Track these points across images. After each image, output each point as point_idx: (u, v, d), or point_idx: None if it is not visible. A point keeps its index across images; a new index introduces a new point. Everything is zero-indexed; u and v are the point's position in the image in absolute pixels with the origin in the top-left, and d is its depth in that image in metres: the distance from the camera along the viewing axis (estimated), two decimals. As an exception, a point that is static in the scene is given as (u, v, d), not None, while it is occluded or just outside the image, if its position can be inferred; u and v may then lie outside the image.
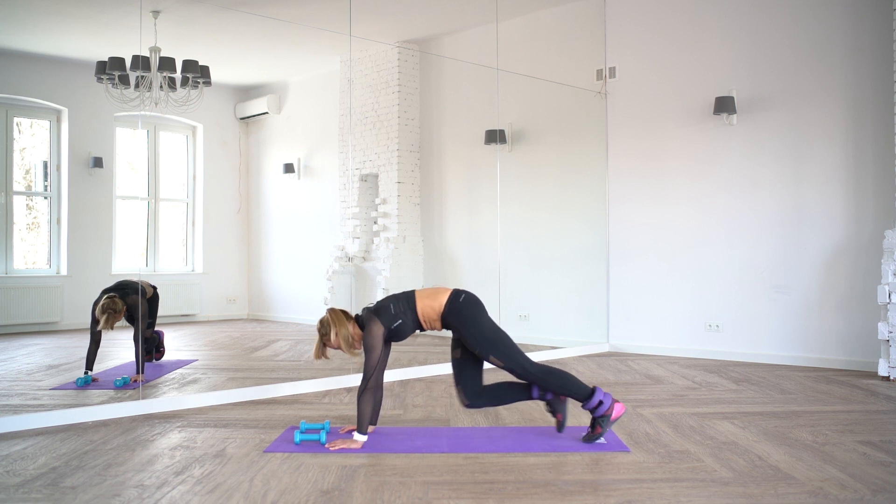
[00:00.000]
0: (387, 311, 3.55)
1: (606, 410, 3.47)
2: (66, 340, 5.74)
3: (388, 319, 3.53)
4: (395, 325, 3.54)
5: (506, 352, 3.55)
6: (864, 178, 5.73)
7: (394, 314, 3.54)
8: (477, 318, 3.58)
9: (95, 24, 5.91)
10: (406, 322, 3.56)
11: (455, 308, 3.57)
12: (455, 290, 3.65)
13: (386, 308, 3.56)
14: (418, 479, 2.94)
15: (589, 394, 3.50)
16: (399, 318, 3.54)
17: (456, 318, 3.57)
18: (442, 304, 3.58)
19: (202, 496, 2.75)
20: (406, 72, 7.98)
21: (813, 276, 5.93)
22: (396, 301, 3.60)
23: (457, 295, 3.61)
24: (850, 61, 5.80)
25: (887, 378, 5.25)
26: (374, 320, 3.52)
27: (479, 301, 3.66)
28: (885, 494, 2.73)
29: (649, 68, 6.88)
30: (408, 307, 3.58)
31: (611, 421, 3.48)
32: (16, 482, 2.95)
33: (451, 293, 3.62)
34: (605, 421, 3.47)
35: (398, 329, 3.55)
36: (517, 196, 7.41)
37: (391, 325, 3.53)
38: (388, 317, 3.54)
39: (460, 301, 3.59)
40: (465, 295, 3.63)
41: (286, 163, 7.64)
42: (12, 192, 5.59)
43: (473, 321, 3.57)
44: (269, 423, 3.96)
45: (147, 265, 6.28)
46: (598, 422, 3.47)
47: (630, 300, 6.96)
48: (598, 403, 3.48)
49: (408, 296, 3.64)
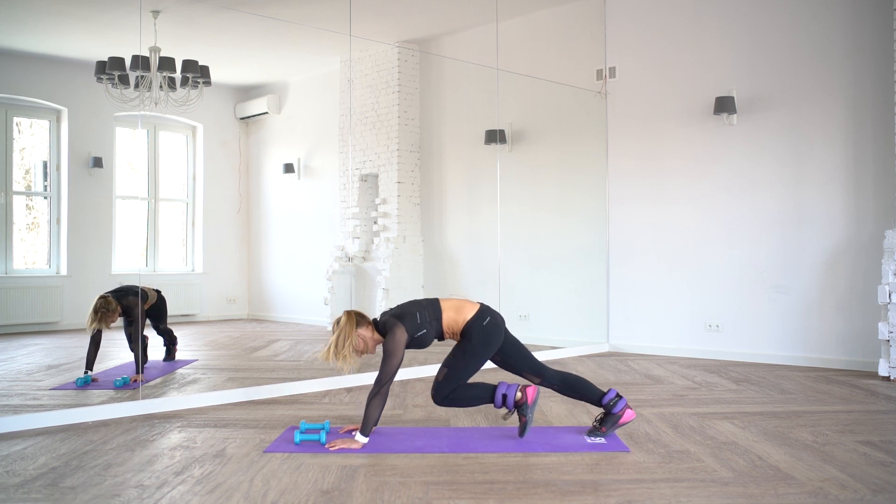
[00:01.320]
0: (412, 318, 3.53)
1: (622, 410, 3.58)
2: (66, 340, 5.73)
3: (413, 327, 3.51)
4: (420, 335, 3.53)
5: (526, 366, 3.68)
6: (865, 178, 5.73)
7: (419, 323, 3.53)
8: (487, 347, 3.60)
9: (95, 24, 5.91)
10: (430, 333, 3.56)
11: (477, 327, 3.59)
12: (482, 307, 3.68)
13: (412, 316, 3.54)
14: (418, 479, 2.94)
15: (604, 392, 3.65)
16: (424, 328, 3.53)
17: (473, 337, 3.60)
18: (467, 319, 3.61)
19: (202, 496, 2.75)
20: (406, 72, 7.98)
21: (813, 276, 5.92)
22: (422, 310, 3.58)
23: (482, 316, 3.62)
24: (850, 61, 5.80)
25: (887, 378, 5.25)
26: (398, 326, 3.49)
27: (501, 325, 3.67)
28: (885, 494, 2.73)
29: (649, 68, 6.88)
30: (434, 317, 3.58)
31: (618, 424, 3.58)
32: (16, 482, 2.95)
33: (478, 311, 3.64)
34: (611, 422, 3.58)
35: (421, 338, 3.54)
36: (517, 196, 7.41)
37: (416, 334, 3.52)
38: (414, 325, 3.52)
39: (484, 325, 3.60)
40: (490, 318, 3.63)
41: (286, 163, 7.64)
42: (12, 192, 5.58)
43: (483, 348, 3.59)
44: (269, 424, 3.96)
45: (147, 265, 6.28)
46: (606, 421, 3.58)
47: (630, 300, 6.96)
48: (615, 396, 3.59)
49: (433, 305, 3.62)
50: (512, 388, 3.55)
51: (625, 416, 3.58)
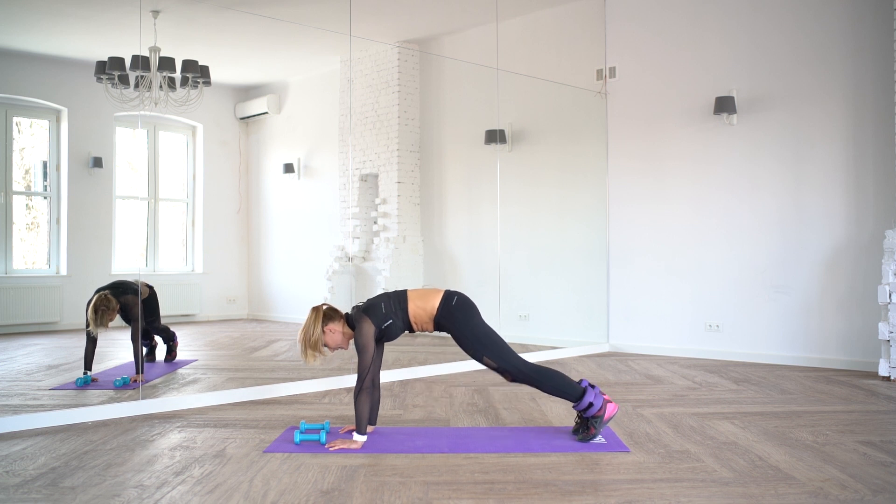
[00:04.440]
0: (377, 309, 3.52)
1: (598, 411, 3.47)
2: (65, 340, 5.73)
3: (378, 319, 3.51)
4: (386, 325, 3.52)
5: (498, 353, 3.55)
6: (865, 178, 5.73)
7: (384, 313, 3.52)
8: (469, 320, 3.56)
9: (95, 24, 5.90)
10: (396, 323, 3.54)
11: (448, 311, 3.56)
12: (447, 291, 3.63)
13: (377, 307, 3.54)
14: (418, 479, 2.94)
15: (580, 394, 3.50)
16: (390, 318, 3.52)
17: (448, 321, 3.56)
18: (435, 307, 3.56)
19: (202, 496, 2.75)
20: (406, 72, 7.98)
21: (813, 276, 5.92)
22: (388, 300, 3.57)
23: (449, 297, 3.59)
24: (850, 61, 5.80)
25: (888, 378, 5.25)
26: (364, 319, 3.49)
27: (472, 303, 3.64)
28: (886, 494, 2.73)
29: (649, 68, 6.88)
30: (399, 307, 3.56)
31: (604, 421, 3.49)
32: (15, 482, 2.95)
33: (444, 295, 3.60)
34: (597, 422, 3.48)
35: (388, 329, 3.53)
36: (517, 196, 7.41)
37: (382, 325, 3.51)
38: (379, 316, 3.51)
39: (453, 304, 3.57)
40: (457, 297, 3.60)
41: (286, 163, 7.64)
42: (12, 192, 5.58)
43: (465, 323, 3.55)
44: (269, 424, 3.96)
45: (147, 265, 6.28)
46: (591, 422, 3.48)
47: (630, 300, 6.96)
48: (587, 405, 3.48)
49: (399, 296, 3.61)
50: (599, 398, 3.50)
51: (607, 411, 3.48)
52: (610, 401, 3.53)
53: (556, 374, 3.56)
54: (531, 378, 3.55)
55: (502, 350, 3.56)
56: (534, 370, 3.55)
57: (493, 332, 3.61)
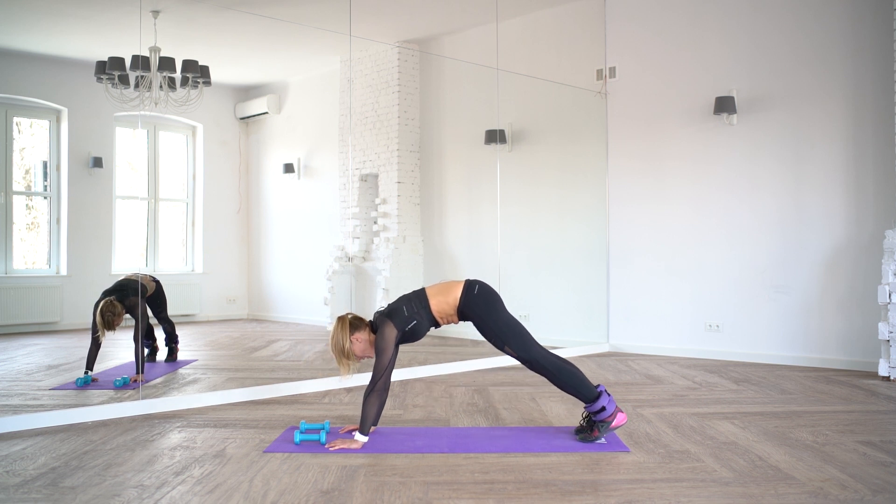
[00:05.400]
0: (400, 313, 3.55)
1: (608, 417, 3.49)
2: (65, 340, 5.73)
3: (401, 322, 3.53)
4: (410, 327, 3.54)
5: (521, 342, 3.59)
6: (865, 178, 5.73)
7: (407, 315, 3.54)
8: (492, 310, 3.60)
9: (95, 24, 5.91)
10: (421, 322, 3.57)
11: (471, 300, 3.59)
12: (468, 281, 3.67)
13: (399, 310, 3.56)
14: (418, 479, 2.94)
15: (595, 397, 3.52)
16: (413, 319, 3.55)
17: (473, 310, 3.59)
18: (457, 298, 3.60)
19: (202, 496, 2.75)
20: (406, 72, 7.98)
21: (813, 276, 5.92)
22: (408, 302, 3.60)
23: (471, 287, 3.62)
24: (850, 61, 5.80)
25: (888, 378, 5.25)
26: (387, 323, 3.52)
27: (494, 291, 3.67)
28: (886, 494, 2.73)
29: (649, 68, 6.88)
30: (421, 306, 3.59)
31: (610, 427, 3.51)
32: (16, 482, 2.95)
33: (465, 285, 3.63)
34: (604, 426, 3.50)
35: (413, 329, 3.56)
36: (517, 196, 7.41)
37: (405, 327, 3.53)
38: (402, 319, 3.53)
39: (475, 293, 3.60)
40: (479, 286, 3.64)
41: (286, 163, 7.64)
42: (12, 192, 5.59)
43: (489, 311, 3.59)
44: (269, 424, 3.96)
45: (147, 265, 6.28)
46: (598, 425, 3.49)
47: (630, 300, 6.96)
48: (600, 409, 3.49)
49: (419, 295, 3.64)
50: (612, 404, 3.51)
51: (616, 419, 3.51)
52: (621, 411, 3.55)
53: (575, 371, 3.58)
54: (549, 372, 3.57)
55: (524, 340, 3.60)
56: (554, 365, 3.57)
57: (516, 322, 3.65)
